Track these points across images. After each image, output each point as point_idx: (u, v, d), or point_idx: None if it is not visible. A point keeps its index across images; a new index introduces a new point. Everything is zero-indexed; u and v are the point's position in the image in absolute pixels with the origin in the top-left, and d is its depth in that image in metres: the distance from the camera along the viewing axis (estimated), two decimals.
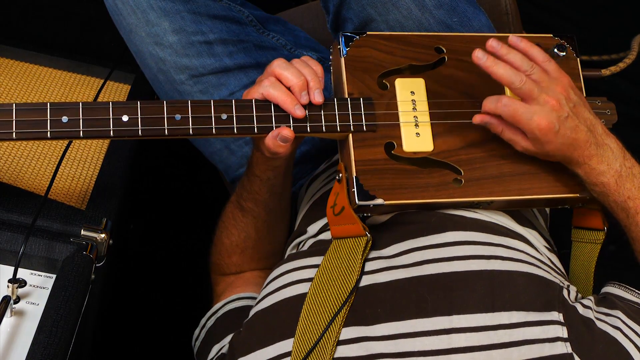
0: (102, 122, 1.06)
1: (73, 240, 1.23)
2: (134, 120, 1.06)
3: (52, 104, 1.05)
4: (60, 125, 1.05)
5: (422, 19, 1.32)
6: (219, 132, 1.09)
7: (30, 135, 1.05)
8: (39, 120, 1.04)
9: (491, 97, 1.12)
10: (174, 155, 1.89)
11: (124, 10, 1.39)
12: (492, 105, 1.11)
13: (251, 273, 1.32)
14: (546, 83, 1.10)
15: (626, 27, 1.57)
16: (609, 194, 1.11)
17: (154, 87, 1.46)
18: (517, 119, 1.09)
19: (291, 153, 1.18)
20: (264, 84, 1.11)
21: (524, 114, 1.08)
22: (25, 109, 1.05)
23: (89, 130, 1.06)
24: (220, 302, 1.28)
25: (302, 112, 1.09)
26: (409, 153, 1.13)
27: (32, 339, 1.10)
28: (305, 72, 1.11)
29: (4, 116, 1.04)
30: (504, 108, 1.09)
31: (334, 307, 1.04)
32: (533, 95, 1.08)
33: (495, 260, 1.06)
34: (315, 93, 1.10)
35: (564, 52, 1.19)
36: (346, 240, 1.11)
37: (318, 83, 1.11)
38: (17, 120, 1.04)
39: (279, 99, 1.10)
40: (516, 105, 1.09)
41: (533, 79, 1.09)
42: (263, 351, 1.06)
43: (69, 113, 1.05)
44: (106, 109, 1.06)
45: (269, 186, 1.22)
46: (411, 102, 1.16)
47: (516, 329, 0.99)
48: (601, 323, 1.01)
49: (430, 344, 0.99)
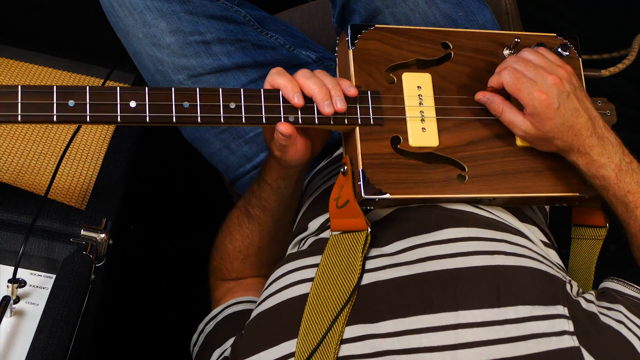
0: (109, 107, 1.04)
1: (73, 240, 1.23)
2: (141, 107, 1.05)
3: (59, 87, 1.03)
4: (66, 109, 1.03)
5: (428, 12, 1.33)
6: (227, 120, 1.08)
7: (36, 118, 1.02)
8: (45, 104, 1.02)
9: (496, 72, 1.15)
10: (174, 155, 1.89)
11: (120, 11, 1.39)
12: (496, 77, 1.14)
13: (252, 280, 1.32)
14: (548, 66, 1.12)
15: (626, 26, 1.57)
16: (609, 188, 1.12)
17: None
18: (519, 87, 1.10)
19: (304, 163, 1.18)
20: (272, 72, 1.11)
21: (526, 82, 1.10)
22: (32, 92, 1.02)
23: (96, 115, 1.04)
24: (219, 307, 1.28)
25: (300, 100, 1.09)
26: (415, 148, 1.14)
27: (32, 339, 1.10)
28: (327, 81, 1.11)
29: (10, 98, 1.01)
30: (507, 75, 1.11)
31: (336, 306, 1.04)
32: (537, 73, 1.11)
33: (499, 256, 1.06)
34: (338, 100, 1.10)
35: (567, 52, 1.20)
36: (345, 236, 1.10)
37: (339, 91, 1.11)
38: (22, 102, 1.01)
39: (281, 84, 1.10)
40: (519, 75, 1.11)
41: (535, 63, 1.12)
42: (267, 352, 1.06)
43: (76, 97, 1.03)
44: (114, 94, 1.04)
45: (279, 195, 1.22)
46: (418, 97, 1.17)
47: (523, 324, 1.00)
48: (605, 317, 1.02)
49: (437, 340, 0.99)
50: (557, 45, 1.21)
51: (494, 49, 1.22)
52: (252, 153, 1.47)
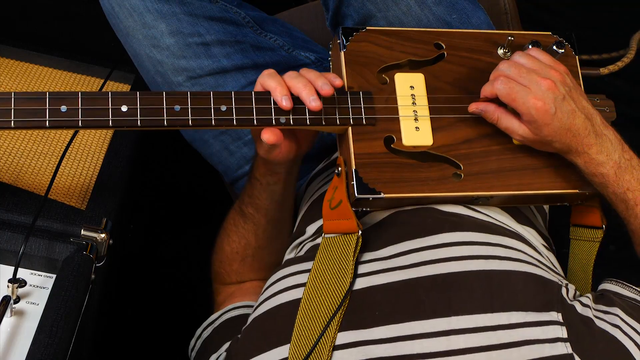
0: (101, 112, 1.06)
1: (73, 240, 1.23)
2: (132, 111, 1.07)
3: (51, 93, 1.05)
4: (59, 115, 1.05)
5: (421, 15, 1.32)
6: (218, 123, 1.09)
7: (29, 124, 1.05)
8: (37, 109, 1.04)
9: (489, 80, 1.13)
10: (174, 156, 1.89)
11: (120, 13, 1.39)
12: (488, 87, 1.12)
13: (251, 283, 1.32)
14: (541, 69, 1.11)
15: (624, 25, 1.57)
16: (608, 185, 1.11)
17: (152, 89, 1.46)
18: (513, 97, 1.09)
19: (291, 160, 1.18)
20: (263, 74, 1.12)
21: (520, 92, 1.09)
22: (24, 98, 1.05)
23: (88, 120, 1.06)
24: (216, 313, 1.28)
25: (287, 103, 1.09)
26: (409, 147, 1.14)
27: (32, 339, 1.10)
28: (310, 75, 1.11)
29: (3, 105, 1.04)
30: (501, 85, 1.10)
31: (329, 311, 1.04)
32: (531, 79, 1.09)
33: (493, 260, 1.06)
34: (322, 85, 1.10)
35: (562, 49, 1.19)
36: (336, 238, 1.10)
37: (323, 79, 1.11)
38: (15, 109, 1.04)
39: (270, 87, 1.10)
40: (512, 84, 1.09)
41: (527, 67, 1.11)
42: (260, 357, 1.06)
43: (67, 102, 1.05)
44: (105, 98, 1.06)
45: (269, 192, 1.22)
46: (410, 96, 1.17)
47: (515, 330, 0.99)
48: (600, 321, 1.01)
49: (430, 346, 0.99)
50: (552, 43, 1.20)
51: (488, 48, 1.22)
52: (251, 154, 1.46)
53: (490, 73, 1.14)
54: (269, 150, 1.14)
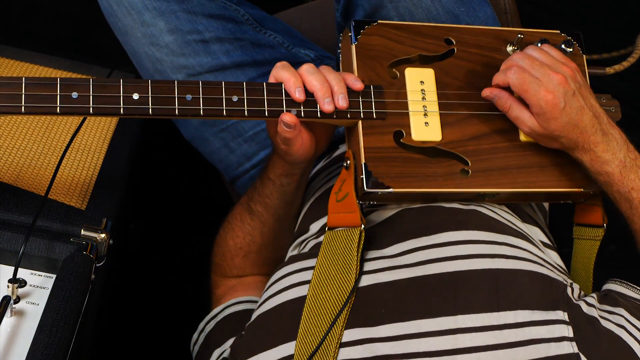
0: (112, 100, 1.06)
1: (73, 240, 1.23)
2: (144, 99, 1.06)
3: (62, 79, 1.05)
4: (70, 101, 1.04)
5: (431, 6, 1.33)
6: (229, 113, 1.09)
7: (40, 109, 1.04)
8: (48, 95, 1.04)
9: (501, 69, 1.14)
10: (174, 155, 1.89)
11: (118, 11, 1.39)
12: (501, 75, 1.13)
13: (253, 278, 1.32)
14: (553, 64, 1.12)
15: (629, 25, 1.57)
16: (613, 184, 1.12)
17: None
18: (525, 88, 1.10)
19: (309, 160, 1.18)
20: (277, 66, 1.12)
21: (532, 83, 1.10)
22: (35, 83, 1.04)
23: (99, 107, 1.05)
24: (219, 306, 1.28)
25: (301, 95, 1.09)
26: (418, 142, 1.14)
27: (32, 339, 1.10)
28: (330, 77, 1.11)
29: (14, 89, 1.03)
30: (514, 75, 1.11)
31: (334, 308, 1.04)
32: (543, 72, 1.10)
33: (499, 259, 1.06)
34: (340, 97, 1.11)
35: (571, 48, 1.21)
36: (339, 232, 1.10)
37: (342, 88, 1.11)
38: (26, 94, 1.03)
39: (284, 78, 1.10)
40: (525, 75, 1.10)
41: (540, 60, 1.12)
42: (265, 354, 1.06)
43: (79, 89, 1.05)
44: (117, 86, 1.06)
45: (281, 192, 1.22)
46: (420, 91, 1.17)
47: (522, 329, 0.99)
48: (605, 321, 1.02)
49: (436, 345, 0.99)
50: (561, 41, 1.21)
51: (497, 45, 1.23)
52: (252, 152, 1.47)
53: (498, 70, 1.15)
54: (290, 144, 1.13)
